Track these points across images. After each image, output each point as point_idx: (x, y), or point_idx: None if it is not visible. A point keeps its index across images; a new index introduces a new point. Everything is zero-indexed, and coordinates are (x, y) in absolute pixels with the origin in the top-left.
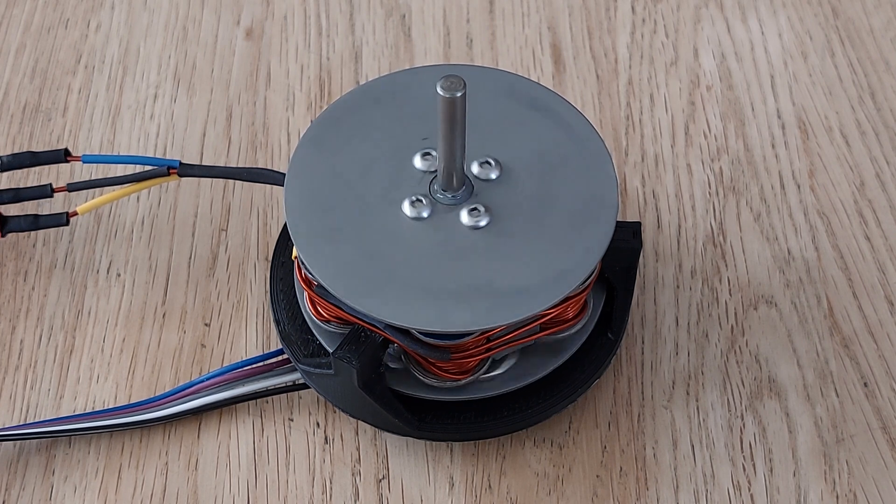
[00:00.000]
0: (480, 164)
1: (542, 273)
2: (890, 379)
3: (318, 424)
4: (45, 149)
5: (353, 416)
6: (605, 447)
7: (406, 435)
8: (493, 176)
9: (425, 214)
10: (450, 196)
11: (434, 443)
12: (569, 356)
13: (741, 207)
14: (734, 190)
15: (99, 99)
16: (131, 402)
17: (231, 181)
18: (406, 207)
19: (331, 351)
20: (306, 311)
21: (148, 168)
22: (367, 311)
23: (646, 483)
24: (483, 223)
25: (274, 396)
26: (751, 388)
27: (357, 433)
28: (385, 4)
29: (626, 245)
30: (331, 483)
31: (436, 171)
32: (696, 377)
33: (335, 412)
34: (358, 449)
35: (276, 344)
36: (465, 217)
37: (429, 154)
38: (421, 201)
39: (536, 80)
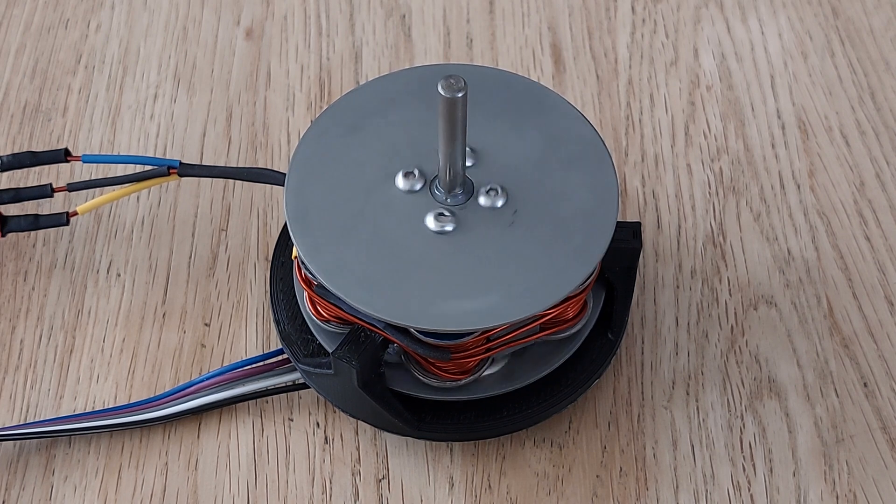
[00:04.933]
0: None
1: (542, 273)
2: (890, 379)
3: (317, 424)
4: (46, 149)
5: (353, 416)
6: (605, 447)
7: (406, 435)
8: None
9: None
10: (450, 196)
11: (434, 443)
12: (569, 356)
13: (741, 207)
14: (734, 190)
15: (99, 99)
16: (131, 401)
17: (231, 181)
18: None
19: (330, 351)
20: (306, 310)
21: (148, 168)
22: (367, 311)
23: (646, 483)
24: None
25: (274, 396)
26: (751, 388)
27: (357, 433)
28: (385, 4)
29: (626, 245)
30: (331, 483)
31: (436, 170)
32: (695, 377)
33: (335, 412)
34: (358, 449)
35: (275, 344)
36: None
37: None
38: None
39: (536, 80)
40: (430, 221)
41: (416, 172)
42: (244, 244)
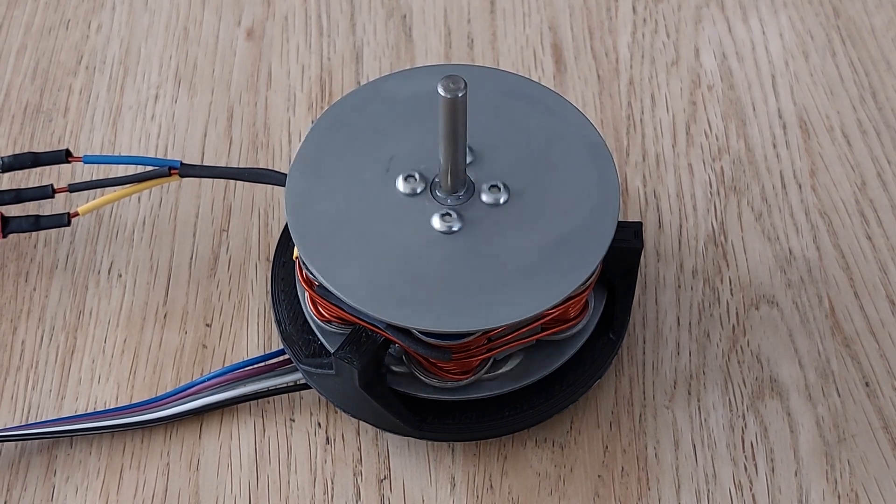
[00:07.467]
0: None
1: (544, 273)
2: (891, 378)
3: (319, 425)
4: (47, 149)
5: (355, 417)
6: (607, 447)
7: (407, 435)
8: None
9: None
10: (451, 196)
11: (435, 443)
12: (570, 356)
13: (742, 207)
14: (735, 190)
15: (100, 100)
16: (132, 402)
17: (232, 181)
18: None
19: (332, 351)
20: (307, 311)
21: (149, 168)
22: (368, 311)
23: (647, 483)
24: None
25: (275, 397)
26: (752, 387)
27: (358, 433)
28: (386, 5)
29: (627, 245)
30: (332, 483)
31: (437, 171)
32: (697, 377)
33: (336, 412)
34: (359, 449)
35: (277, 344)
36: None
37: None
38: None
39: (537, 81)
40: (433, 222)
41: (417, 175)
42: (245, 244)
